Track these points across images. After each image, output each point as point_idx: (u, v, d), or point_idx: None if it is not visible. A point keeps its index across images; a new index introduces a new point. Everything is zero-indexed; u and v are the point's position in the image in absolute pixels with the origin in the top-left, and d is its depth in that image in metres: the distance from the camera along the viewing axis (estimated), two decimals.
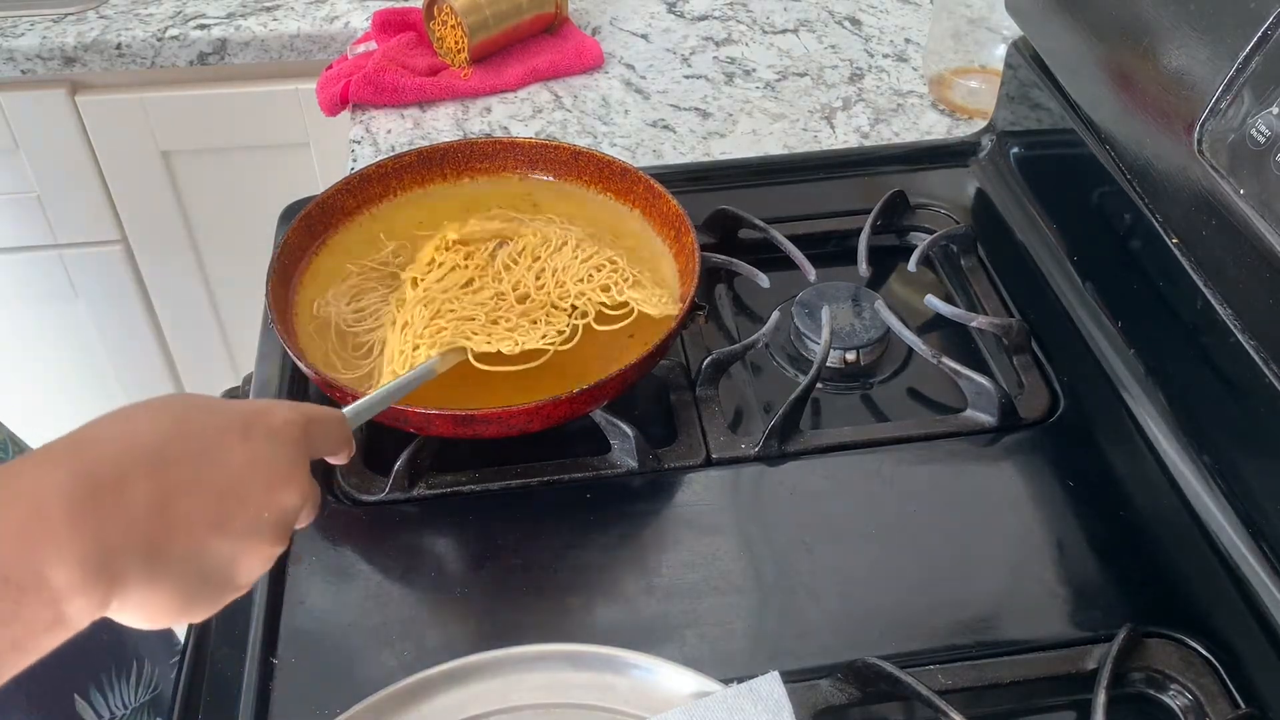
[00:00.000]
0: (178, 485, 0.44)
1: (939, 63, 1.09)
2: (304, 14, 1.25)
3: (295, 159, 1.33)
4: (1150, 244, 0.73)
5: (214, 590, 0.46)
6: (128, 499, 0.42)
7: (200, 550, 0.44)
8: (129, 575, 0.42)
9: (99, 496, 0.41)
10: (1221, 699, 0.59)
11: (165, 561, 0.43)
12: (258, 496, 0.47)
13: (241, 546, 0.46)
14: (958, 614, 0.65)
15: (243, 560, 0.47)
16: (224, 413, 0.48)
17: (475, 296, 0.77)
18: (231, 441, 0.46)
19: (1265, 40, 0.59)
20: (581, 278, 0.78)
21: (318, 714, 0.60)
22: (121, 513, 0.42)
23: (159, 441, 0.44)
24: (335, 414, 0.55)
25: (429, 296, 0.76)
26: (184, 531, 0.44)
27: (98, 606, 0.41)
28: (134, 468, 0.43)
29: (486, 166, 0.89)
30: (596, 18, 1.26)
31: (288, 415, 0.50)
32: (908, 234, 0.92)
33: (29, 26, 1.22)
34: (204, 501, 0.44)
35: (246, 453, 0.47)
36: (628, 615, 0.65)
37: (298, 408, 0.51)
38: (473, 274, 0.78)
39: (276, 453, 0.48)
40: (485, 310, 0.76)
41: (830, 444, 0.75)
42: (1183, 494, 0.70)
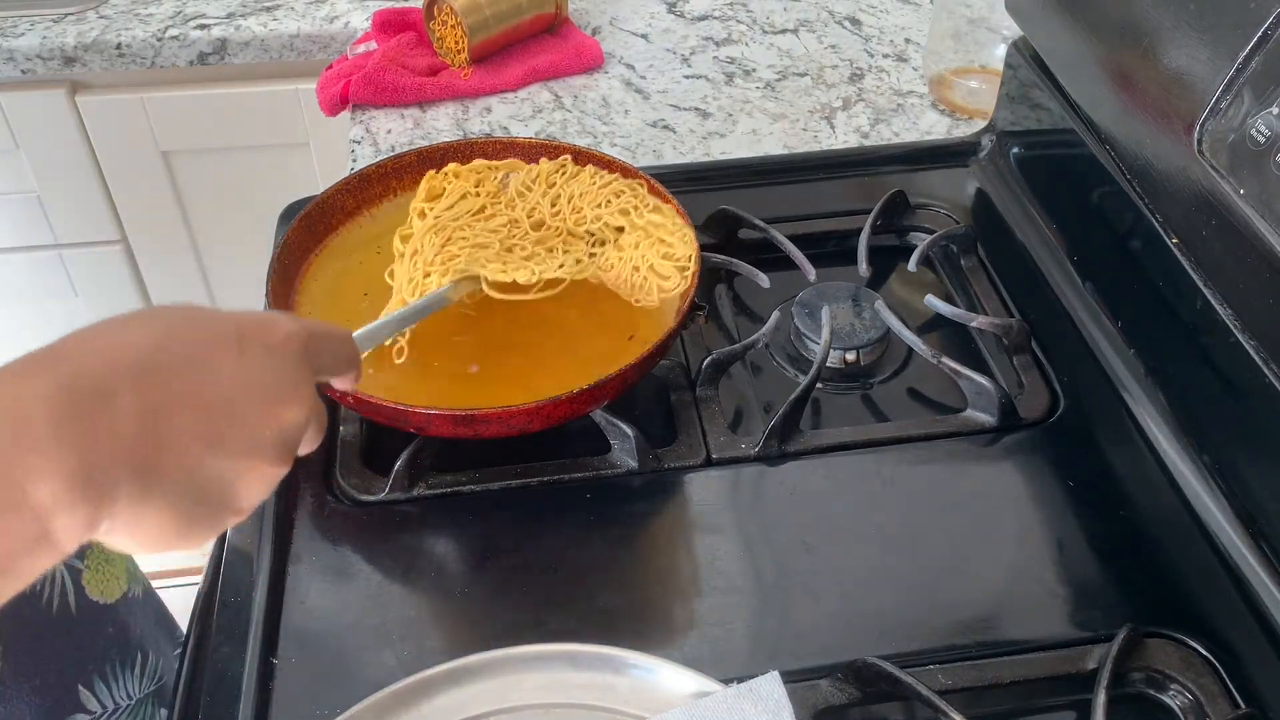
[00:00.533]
0: (169, 398, 0.41)
1: (939, 63, 1.09)
2: (304, 14, 1.25)
3: (295, 159, 1.33)
4: (1150, 244, 0.73)
5: (211, 513, 0.43)
6: (115, 412, 0.39)
7: (194, 468, 0.42)
8: (117, 493, 0.39)
9: (84, 409, 0.39)
10: (1221, 699, 0.59)
11: (156, 479, 0.40)
12: (255, 412, 0.44)
13: (239, 465, 0.43)
14: (958, 614, 0.65)
15: (241, 480, 0.44)
16: (220, 323, 0.45)
17: (488, 224, 0.72)
18: (227, 354, 0.44)
19: (1265, 40, 0.59)
20: (599, 203, 0.74)
21: (318, 714, 0.60)
22: (108, 426, 0.39)
23: (148, 352, 0.42)
24: (342, 331, 0.52)
25: (439, 225, 0.71)
26: (176, 448, 0.41)
27: (85, 526, 0.39)
28: (121, 380, 0.40)
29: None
30: (596, 18, 1.26)
31: (289, 328, 0.47)
32: (908, 234, 0.92)
33: (29, 26, 1.22)
34: (197, 416, 0.42)
35: (243, 366, 0.44)
36: (628, 615, 0.65)
37: (300, 321, 0.48)
38: (484, 201, 0.74)
39: (276, 367, 0.45)
40: (499, 238, 0.71)
41: (830, 444, 0.75)
42: (1183, 494, 0.70)
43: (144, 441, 0.40)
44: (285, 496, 0.72)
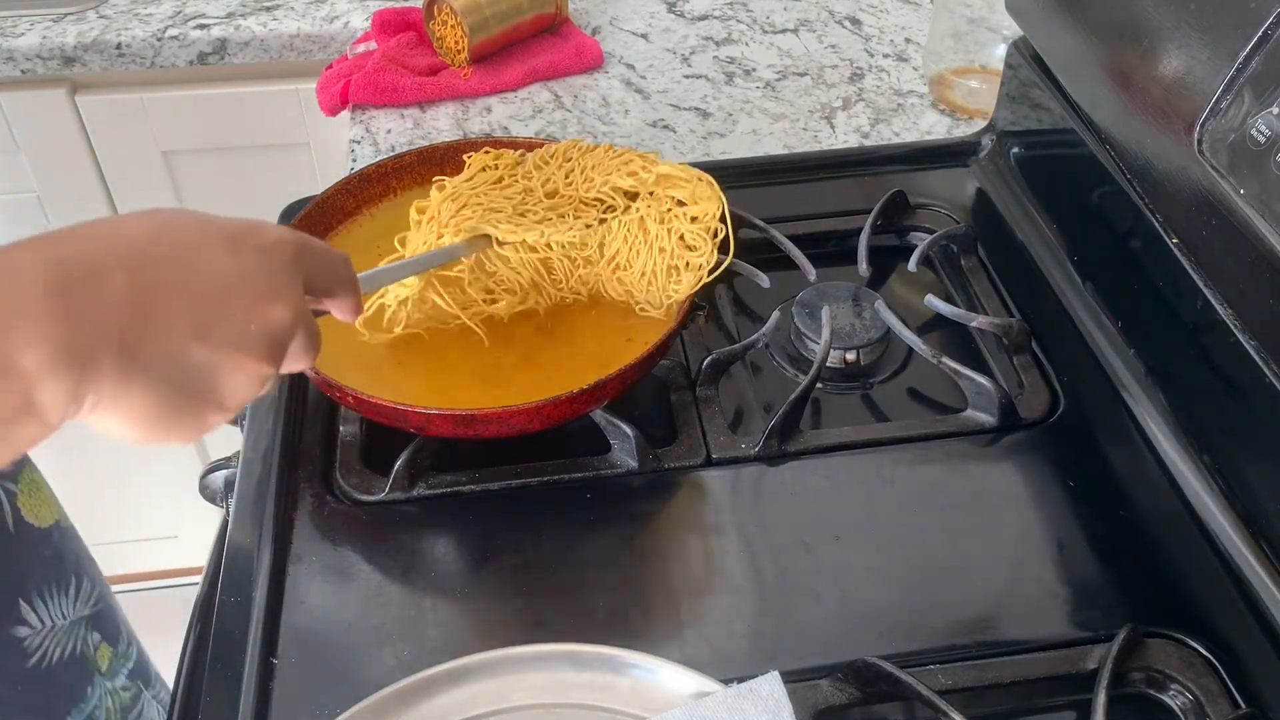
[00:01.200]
0: (158, 284, 0.42)
1: (939, 63, 1.09)
2: (304, 14, 1.25)
3: (295, 159, 1.33)
4: (1150, 244, 0.73)
5: (195, 403, 0.44)
6: (105, 291, 0.41)
7: (179, 353, 0.43)
8: (102, 369, 0.40)
9: (74, 284, 0.40)
10: (1221, 699, 0.59)
11: (141, 360, 0.41)
12: (243, 306, 0.45)
13: (224, 358, 0.44)
14: (958, 614, 0.65)
15: (226, 374, 0.45)
16: (214, 222, 0.46)
17: (504, 192, 0.76)
18: (219, 248, 0.45)
19: (1265, 40, 0.59)
20: (610, 171, 0.78)
21: (318, 714, 0.60)
22: (97, 303, 0.40)
23: (142, 240, 0.43)
24: (338, 252, 0.52)
25: (456, 193, 0.74)
26: (162, 331, 0.42)
27: (69, 398, 0.40)
28: (114, 262, 0.41)
29: None
30: (596, 18, 1.26)
31: (281, 234, 0.48)
32: (908, 234, 0.92)
33: (29, 26, 1.22)
34: (184, 304, 0.43)
35: (234, 261, 0.45)
36: (628, 615, 0.65)
37: (293, 231, 0.49)
38: (502, 173, 0.78)
39: (267, 265, 0.46)
40: (513, 204, 0.74)
41: (830, 444, 0.75)
42: (1183, 494, 0.70)
43: (131, 321, 0.41)
44: (285, 496, 0.72)
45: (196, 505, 0.94)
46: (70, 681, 0.83)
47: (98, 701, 0.85)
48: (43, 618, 0.83)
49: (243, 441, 0.77)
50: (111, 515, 1.69)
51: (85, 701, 0.84)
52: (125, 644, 0.93)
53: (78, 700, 0.83)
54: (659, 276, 0.76)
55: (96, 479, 1.63)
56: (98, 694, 0.86)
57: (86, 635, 0.86)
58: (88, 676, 0.85)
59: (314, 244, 0.50)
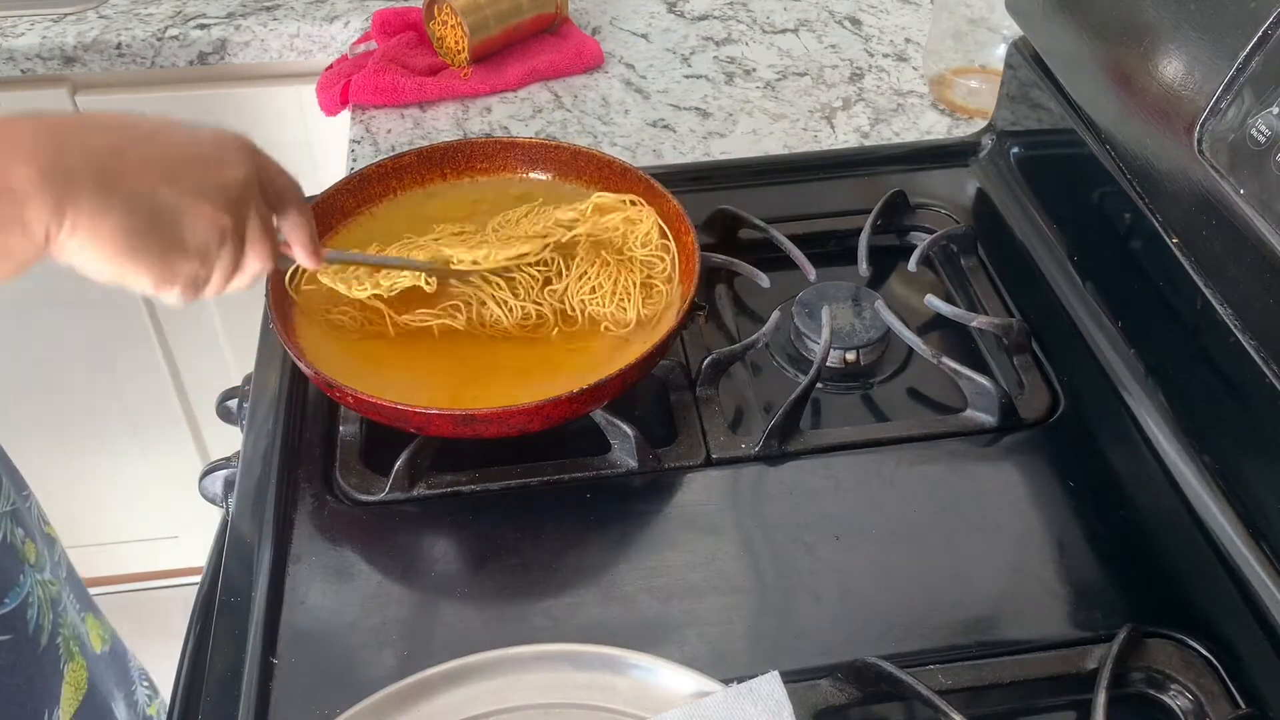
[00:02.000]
0: (134, 140, 0.53)
1: (939, 63, 1.09)
2: (304, 14, 1.25)
3: (295, 159, 1.32)
4: (1150, 244, 0.73)
5: (162, 238, 0.53)
6: (87, 137, 0.51)
7: (149, 191, 0.52)
8: (80, 195, 0.49)
9: (61, 132, 0.50)
10: (1221, 699, 0.59)
11: (116, 191, 0.50)
12: (203, 164, 0.54)
13: (188, 202, 0.53)
14: (958, 614, 0.65)
15: (189, 216, 0.53)
16: (180, 123, 0.56)
17: (457, 237, 0.82)
18: (183, 130, 0.56)
19: (1265, 40, 0.59)
20: (554, 213, 0.82)
21: (318, 714, 0.60)
22: (81, 145, 0.50)
23: (120, 118, 0.54)
24: (288, 173, 0.62)
25: (416, 245, 0.80)
26: (134, 170, 0.52)
27: (53, 215, 0.49)
28: (97, 124, 0.52)
29: (486, 166, 0.89)
30: (596, 18, 1.26)
31: (238, 135, 0.58)
32: (908, 234, 0.92)
33: (29, 26, 1.22)
34: (155, 154, 0.53)
35: (196, 138, 0.56)
36: (628, 615, 0.65)
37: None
38: (461, 226, 0.83)
39: (223, 144, 0.56)
40: (467, 246, 0.79)
41: (830, 444, 0.75)
42: (1183, 494, 0.70)
43: (108, 161, 0.51)
44: (285, 496, 0.72)
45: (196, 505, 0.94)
46: (4, 568, 0.86)
47: (30, 588, 0.89)
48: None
49: (243, 441, 0.77)
50: (112, 515, 1.69)
51: (19, 587, 0.88)
52: (45, 543, 0.96)
53: (10, 586, 0.86)
54: (634, 289, 0.78)
55: (97, 479, 1.63)
56: (29, 582, 0.89)
57: (12, 529, 0.90)
58: (18, 566, 0.88)
59: (267, 159, 0.60)
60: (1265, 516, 0.65)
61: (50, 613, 0.92)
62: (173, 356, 1.52)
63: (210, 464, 0.82)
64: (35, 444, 1.57)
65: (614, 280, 0.78)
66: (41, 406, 1.52)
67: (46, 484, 1.60)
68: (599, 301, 0.77)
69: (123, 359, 1.50)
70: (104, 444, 1.59)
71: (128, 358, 1.50)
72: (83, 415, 1.55)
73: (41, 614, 0.90)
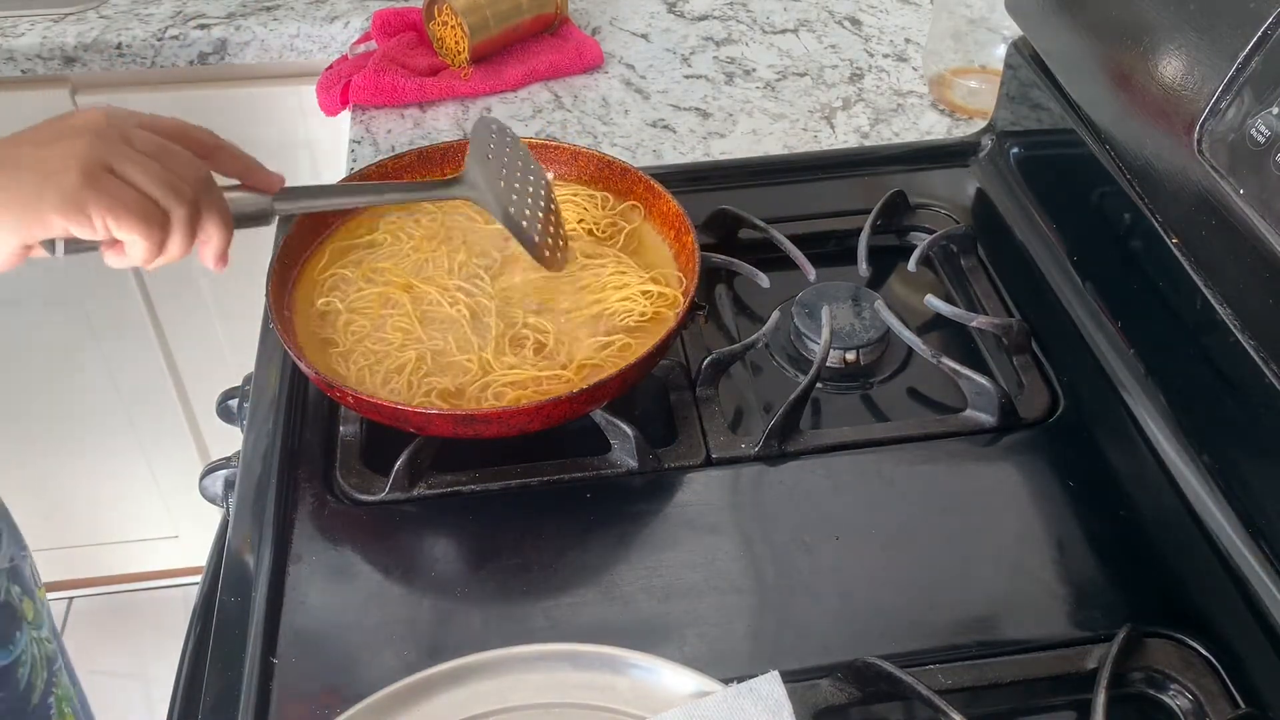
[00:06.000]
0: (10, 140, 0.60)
1: (939, 63, 1.09)
2: (304, 14, 1.25)
3: (295, 159, 1.33)
4: (1150, 244, 0.73)
5: (32, 177, 0.58)
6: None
7: (8, 155, 0.59)
8: None
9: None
10: (1221, 699, 0.59)
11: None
12: (52, 123, 0.61)
13: (46, 148, 0.59)
14: (958, 614, 0.65)
15: (51, 154, 0.58)
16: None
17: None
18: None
19: (1265, 40, 0.59)
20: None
21: (318, 714, 0.60)
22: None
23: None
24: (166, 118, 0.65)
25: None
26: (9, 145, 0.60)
27: None
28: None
29: None
30: (596, 18, 1.26)
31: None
32: (908, 234, 0.92)
33: (29, 26, 1.22)
34: (10, 139, 0.60)
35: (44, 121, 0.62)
36: (628, 615, 0.65)
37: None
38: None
39: (69, 113, 0.62)
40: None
41: (830, 444, 0.75)
42: (1183, 494, 0.70)
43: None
44: (285, 496, 0.72)
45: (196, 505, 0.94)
46: (1, 626, 0.86)
47: (24, 647, 0.89)
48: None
49: (243, 441, 0.77)
50: (112, 515, 1.69)
51: (14, 644, 0.88)
52: (40, 602, 0.96)
53: (6, 643, 0.86)
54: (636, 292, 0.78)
55: (97, 479, 1.63)
56: (24, 639, 0.89)
57: (9, 586, 0.90)
58: (16, 623, 0.88)
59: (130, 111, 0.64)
60: (1265, 516, 0.65)
61: (44, 671, 0.91)
62: (173, 357, 1.52)
63: (210, 464, 0.82)
64: (35, 444, 1.57)
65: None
66: (41, 406, 1.52)
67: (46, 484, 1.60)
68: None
69: (123, 359, 1.50)
70: (104, 444, 1.59)
71: (128, 358, 1.50)
72: (83, 415, 1.55)
73: (34, 673, 0.90)
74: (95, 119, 0.60)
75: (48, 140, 0.59)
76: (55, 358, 1.50)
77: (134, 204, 0.59)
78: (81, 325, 1.46)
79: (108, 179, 0.58)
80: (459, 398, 0.72)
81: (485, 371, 0.73)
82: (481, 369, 0.73)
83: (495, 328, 0.76)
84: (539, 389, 0.72)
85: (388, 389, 0.72)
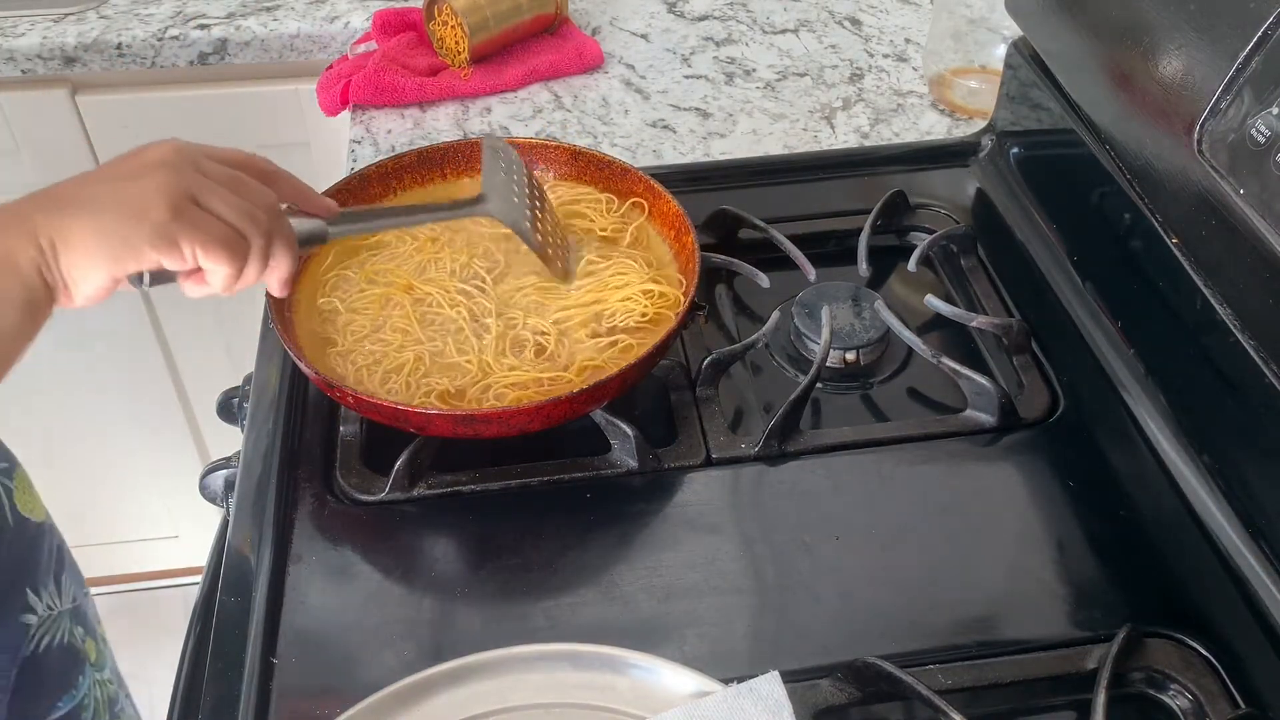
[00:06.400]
0: (73, 180, 0.61)
1: (939, 63, 1.09)
2: (304, 14, 1.25)
3: (295, 159, 1.32)
4: (1150, 244, 0.73)
5: (124, 217, 0.59)
6: (38, 196, 0.60)
7: (96, 194, 0.60)
8: (39, 218, 0.58)
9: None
10: (1221, 699, 0.59)
11: (70, 204, 0.59)
12: (130, 158, 0.62)
13: (130, 183, 0.60)
14: (958, 614, 0.65)
15: (138, 191, 0.59)
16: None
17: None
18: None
19: (1265, 40, 0.59)
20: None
21: (318, 714, 0.60)
22: (34, 198, 0.60)
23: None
24: (234, 150, 0.68)
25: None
26: (79, 188, 0.60)
27: (29, 244, 0.57)
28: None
29: None
30: (596, 18, 1.26)
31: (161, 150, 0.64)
32: (908, 234, 0.92)
33: (29, 26, 1.22)
34: (90, 176, 0.61)
35: (119, 157, 0.63)
36: (628, 615, 0.65)
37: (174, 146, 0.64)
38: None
39: (142, 147, 0.63)
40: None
41: (830, 444, 0.75)
42: (1183, 494, 0.70)
43: (56, 192, 0.60)
44: (285, 496, 0.72)
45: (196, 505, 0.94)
46: (64, 669, 0.86)
47: (87, 690, 0.89)
48: (37, 607, 0.86)
49: (243, 441, 0.77)
50: (112, 515, 1.69)
51: (76, 689, 0.87)
52: (101, 642, 0.95)
53: (68, 688, 0.86)
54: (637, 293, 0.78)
55: (97, 479, 1.63)
56: (87, 683, 0.89)
57: (72, 627, 0.89)
58: (79, 666, 0.88)
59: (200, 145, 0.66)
60: (1265, 516, 0.65)
61: (106, 715, 0.92)
62: (172, 356, 1.52)
63: (210, 464, 0.82)
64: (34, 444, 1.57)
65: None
66: (41, 406, 1.52)
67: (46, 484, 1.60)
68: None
69: (123, 359, 1.50)
70: (104, 444, 1.59)
71: (128, 358, 1.50)
72: (83, 415, 1.55)
73: (97, 717, 0.90)
74: (166, 153, 0.62)
75: (126, 176, 0.60)
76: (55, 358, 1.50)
77: (220, 234, 0.60)
78: (81, 324, 1.46)
79: (193, 211, 0.60)
80: (459, 399, 0.72)
81: (485, 373, 0.73)
82: (481, 370, 0.73)
83: (495, 329, 0.76)
84: (540, 390, 0.72)
85: (385, 389, 0.72)
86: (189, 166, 0.62)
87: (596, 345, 0.75)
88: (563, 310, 0.77)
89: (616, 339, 0.75)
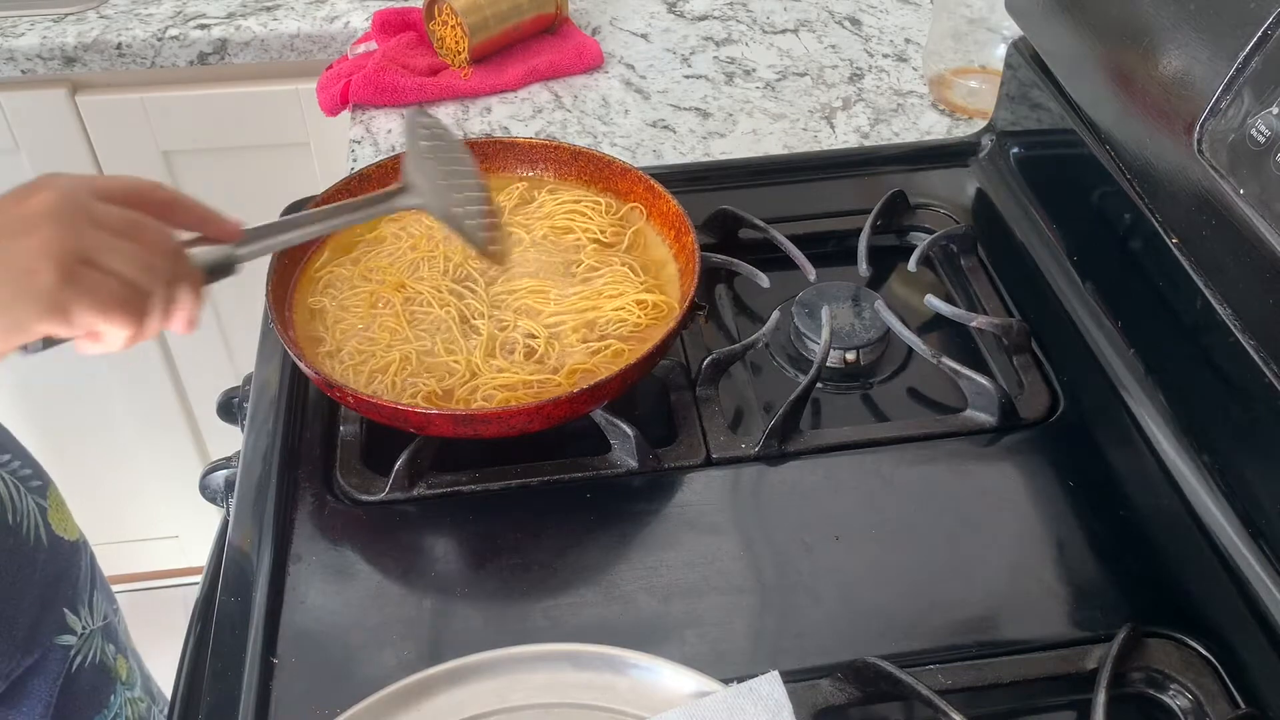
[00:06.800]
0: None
1: (939, 63, 1.09)
2: (304, 14, 1.25)
3: (295, 159, 1.33)
4: (1150, 244, 0.73)
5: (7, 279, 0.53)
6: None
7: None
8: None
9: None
10: (1221, 699, 0.59)
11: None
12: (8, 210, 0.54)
13: (10, 242, 0.53)
14: (958, 614, 0.65)
15: (17, 251, 0.53)
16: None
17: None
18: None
19: (1265, 40, 0.59)
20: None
21: (318, 714, 0.60)
22: None
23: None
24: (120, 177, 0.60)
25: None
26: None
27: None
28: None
29: (486, 166, 0.89)
30: (596, 18, 1.26)
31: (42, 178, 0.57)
32: (908, 234, 0.92)
33: (29, 26, 1.22)
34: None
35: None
36: (628, 615, 0.65)
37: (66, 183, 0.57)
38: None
39: (20, 189, 0.55)
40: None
41: (830, 444, 0.75)
42: (1183, 494, 0.70)
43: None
44: (285, 496, 0.72)
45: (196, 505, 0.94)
46: (97, 687, 0.85)
47: (119, 709, 0.88)
48: (76, 627, 0.85)
49: (243, 441, 0.77)
50: (111, 515, 1.69)
51: (109, 708, 0.87)
52: (133, 657, 0.95)
53: (100, 708, 0.85)
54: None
55: (96, 479, 1.62)
56: (119, 701, 0.88)
57: (104, 645, 0.89)
58: (110, 684, 0.87)
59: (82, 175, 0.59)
60: (1265, 516, 0.65)
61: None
62: (172, 356, 1.52)
63: (210, 464, 0.82)
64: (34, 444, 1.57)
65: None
66: (41, 406, 1.52)
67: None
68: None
69: (123, 359, 1.50)
70: (104, 444, 1.59)
71: (127, 358, 1.50)
72: (82, 415, 1.55)
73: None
74: (50, 201, 0.54)
75: (5, 233, 0.53)
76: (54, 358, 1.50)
77: (117, 296, 0.54)
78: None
79: (85, 273, 0.53)
80: (447, 399, 0.72)
81: (473, 374, 0.73)
82: (469, 371, 0.73)
83: (485, 330, 0.76)
84: (529, 392, 0.72)
85: (370, 389, 0.72)
86: (77, 216, 0.54)
87: (587, 349, 0.75)
88: (555, 315, 0.77)
89: (607, 344, 0.75)
